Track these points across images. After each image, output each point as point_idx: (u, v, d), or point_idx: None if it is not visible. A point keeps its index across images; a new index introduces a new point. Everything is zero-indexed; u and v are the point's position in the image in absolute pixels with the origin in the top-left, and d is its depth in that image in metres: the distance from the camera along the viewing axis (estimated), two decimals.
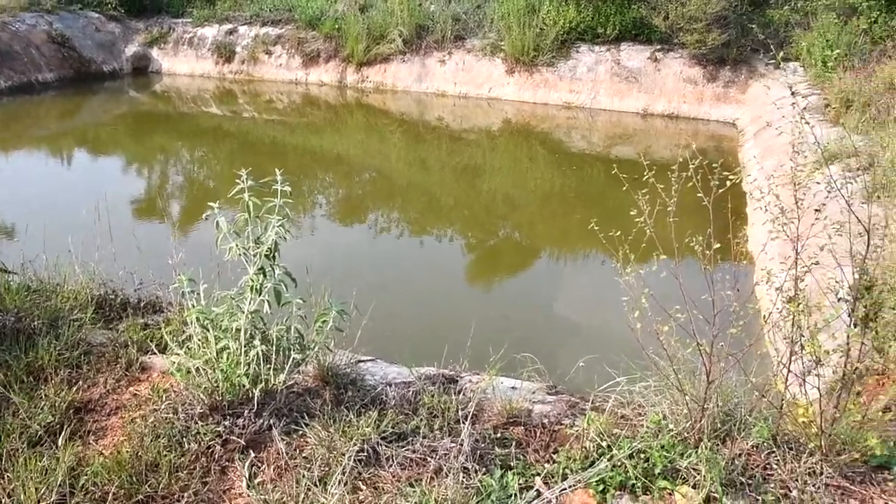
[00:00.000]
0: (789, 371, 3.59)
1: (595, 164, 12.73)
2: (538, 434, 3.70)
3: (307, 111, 16.38)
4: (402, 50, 16.31)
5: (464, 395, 3.96)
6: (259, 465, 3.43)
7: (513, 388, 4.18)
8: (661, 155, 12.86)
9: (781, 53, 5.08)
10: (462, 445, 3.38)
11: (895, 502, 3.30)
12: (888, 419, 4.13)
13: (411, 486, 3.22)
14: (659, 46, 15.23)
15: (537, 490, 3.21)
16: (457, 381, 4.23)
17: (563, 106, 15.34)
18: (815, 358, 3.39)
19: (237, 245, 3.58)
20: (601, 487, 3.21)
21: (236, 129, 15.32)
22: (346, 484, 3.25)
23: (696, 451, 3.35)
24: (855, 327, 3.62)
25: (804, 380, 3.55)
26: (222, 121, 15.72)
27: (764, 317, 3.58)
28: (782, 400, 3.55)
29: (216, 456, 3.45)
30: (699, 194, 3.51)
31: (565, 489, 3.19)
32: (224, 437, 3.51)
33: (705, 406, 3.49)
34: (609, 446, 3.44)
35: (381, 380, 4.18)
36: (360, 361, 4.44)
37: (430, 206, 11.40)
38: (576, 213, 10.30)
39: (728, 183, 3.56)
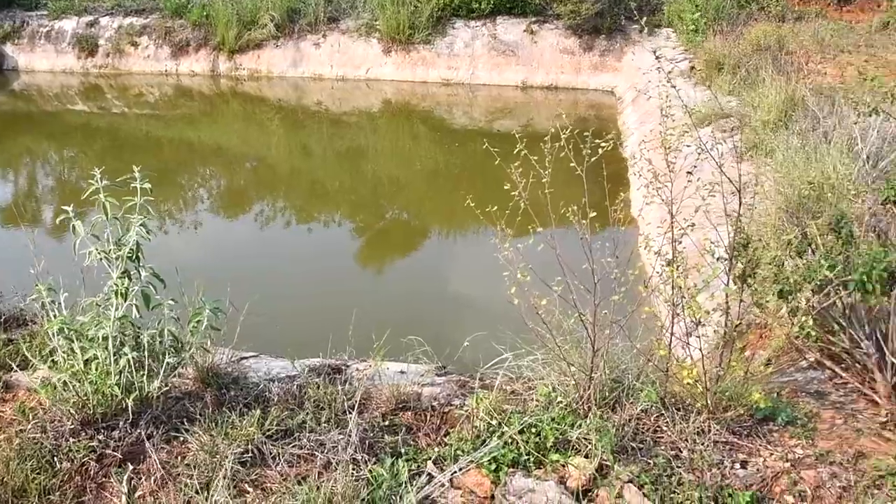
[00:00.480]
0: (672, 334, 3.66)
1: (478, 139, 12.77)
2: (428, 417, 3.65)
3: (181, 103, 15.77)
4: (274, 35, 15.87)
5: (350, 384, 3.88)
6: (138, 477, 3.26)
7: (401, 372, 4.13)
8: (543, 126, 13.01)
9: (644, 19, 5.18)
10: (350, 437, 3.30)
11: (780, 452, 3.41)
12: (771, 372, 4.28)
13: (300, 483, 3.12)
14: (534, 18, 15.36)
15: (429, 474, 3.17)
16: (343, 370, 4.14)
17: (443, 83, 15.30)
18: (695, 319, 3.46)
19: (97, 249, 3.37)
20: (494, 466, 3.19)
21: (107, 125, 14.61)
22: (231, 488, 3.12)
23: (586, 421, 3.38)
24: (734, 285, 3.72)
25: (687, 341, 3.62)
26: (90, 118, 14.95)
27: (644, 281, 3.63)
28: (667, 363, 3.62)
29: (91, 473, 3.26)
30: (572, 164, 3.52)
31: (457, 471, 3.16)
32: (99, 453, 3.32)
33: (592, 375, 3.52)
34: (500, 423, 3.43)
35: (265, 376, 4.05)
36: (242, 359, 4.29)
37: (314, 193, 11.20)
38: (461, 189, 10.30)
39: (600, 150, 3.59)
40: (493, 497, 3.09)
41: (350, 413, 3.45)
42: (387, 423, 3.58)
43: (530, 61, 15.11)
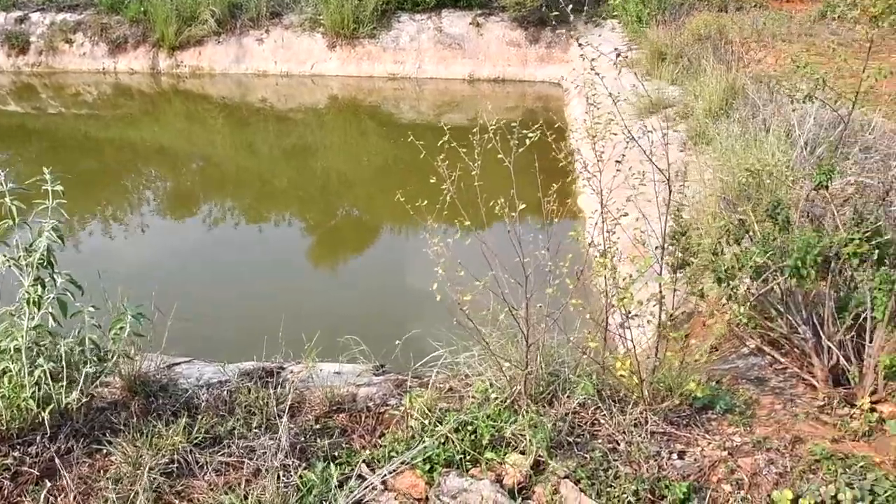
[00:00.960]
0: (606, 326, 3.61)
1: (426, 133, 12.66)
2: (363, 419, 3.56)
3: (120, 102, 15.36)
4: (216, 31, 15.51)
5: (284, 387, 3.76)
6: (58, 494, 3.11)
7: (337, 373, 4.03)
8: (491, 119, 12.91)
9: (571, 7, 5.13)
10: (280, 442, 3.19)
11: (717, 440, 3.39)
12: (709, 360, 4.25)
13: (227, 492, 3.00)
14: (480, 11, 15.28)
15: (361, 477, 3.08)
16: (278, 373, 4.01)
17: (389, 77, 15.14)
18: (625, 311, 3.41)
19: (4, 256, 3.20)
20: (428, 467, 3.11)
21: (43, 126, 14.18)
22: (155, 500, 2.99)
23: (521, 417, 3.31)
24: (667, 274, 3.69)
25: (622, 333, 3.57)
26: (25, 119, 14.48)
27: (576, 274, 3.56)
28: (602, 355, 3.57)
29: (5, 493, 3.09)
30: (499, 155, 3.46)
31: (390, 473, 3.07)
32: (13, 470, 3.16)
33: (528, 370, 3.45)
34: (436, 422, 3.35)
35: (197, 382, 3.91)
36: (174, 365, 4.14)
37: (262, 192, 10.98)
38: (410, 184, 10.18)
39: (527, 141, 3.54)
40: (427, 499, 3.00)
41: (279, 418, 3.33)
42: (320, 426, 3.48)
43: (477, 54, 15.03)
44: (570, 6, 13.47)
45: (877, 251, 3.73)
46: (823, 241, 3.76)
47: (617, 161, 3.45)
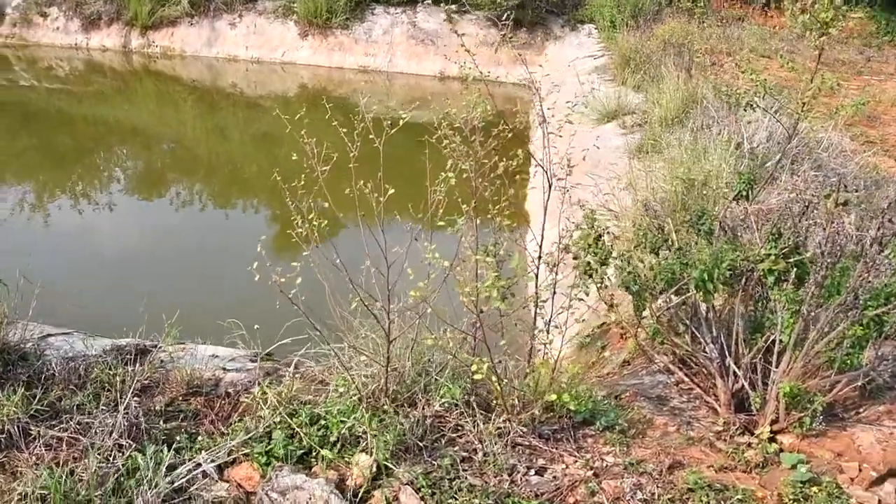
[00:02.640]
0: (476, 331, 3.43)
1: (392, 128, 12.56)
2: (220, 404, 3.46)
3: (92, 79, 15.23)
4: (189, 12, 15.41)
5: (150, 364, 3.65)
6: None
7: (213, 356, 3.93)
8: (457, 118, 12.85)
9: (551, 13, 5.12)
10: (117, 420, 3.09)
11: (586, 459, 3.19)
12: (625, 373, 4.10)
13: (49, 468, 2.90)
14: (455, 8, 15.20)
15: (195, 464, 2.97)
16: (151, 351, 3.90)
17: (360, 69, 15.05)
18: (478, 309, 3.26)
19: None
20: (264, 459, 3.01)
21: (16, 98, 14.07)
22: None
23: (370, 415, 3.20)
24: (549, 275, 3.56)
25: (484, 339, 3.38)
26: None
27: (445, 276, 3.41)
28: (472, 359, 3.41)
29: None
30: (362, 145, 3.38)
31: (211, 462, 2.96)
32: None
33: (389, 367, 3.33)
34: (292, 414, 3.24)
35: (65, 354, 3.80)
36: (48, 336, 4.04)
37: (233, 177, 11.03)
38: (374, 178, 10.07)
39: (400, 122, 3.49)
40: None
41: (122, 397, 3.22)
42: (170, 408, 3.37)
43: (449, 52, 14.93)
44: (546, 9, 13.36)
45: (795, 269, 3.42)
46: (733, 255, 3.53)
47: (483, 150, 3.38)
